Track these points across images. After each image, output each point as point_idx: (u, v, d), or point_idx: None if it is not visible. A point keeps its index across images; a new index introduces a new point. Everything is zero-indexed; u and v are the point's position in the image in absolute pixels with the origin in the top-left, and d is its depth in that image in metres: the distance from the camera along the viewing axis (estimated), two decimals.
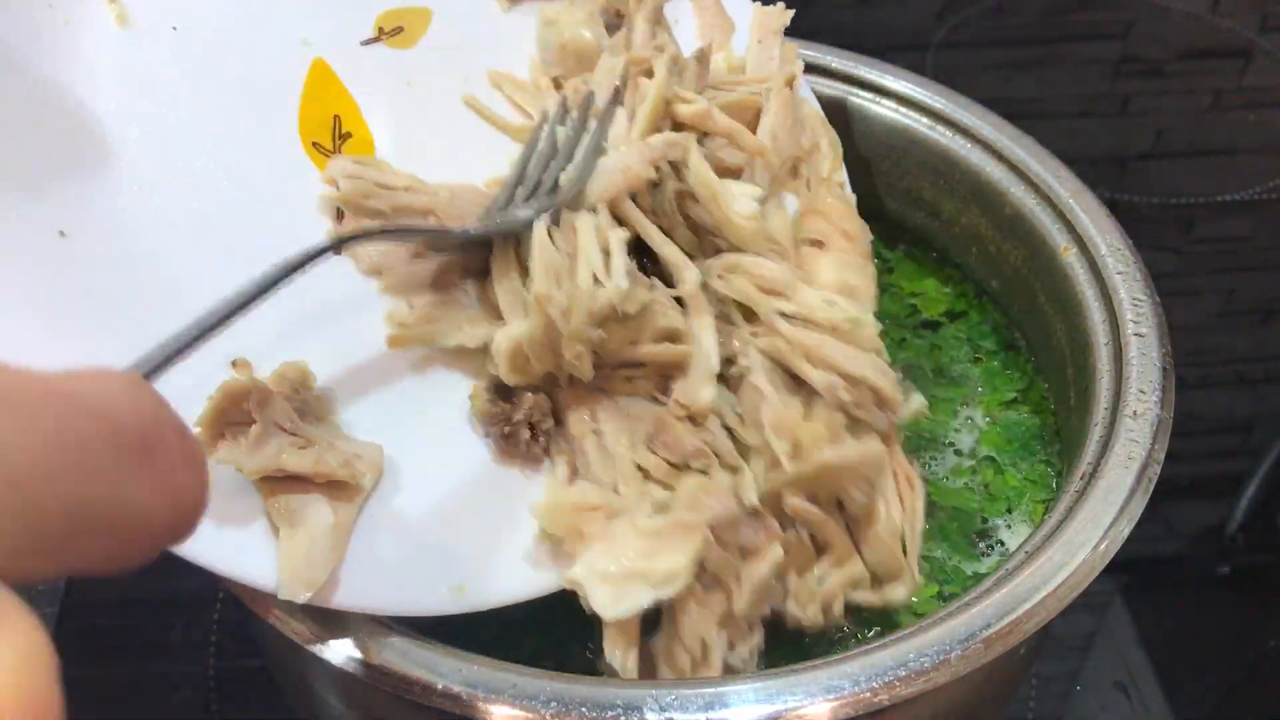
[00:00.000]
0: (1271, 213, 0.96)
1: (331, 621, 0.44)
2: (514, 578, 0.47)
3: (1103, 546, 0.47)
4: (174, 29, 0.53)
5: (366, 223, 0.52)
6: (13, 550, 0.22)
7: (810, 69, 0.71)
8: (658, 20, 0.62)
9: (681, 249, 0.53)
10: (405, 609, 0.45)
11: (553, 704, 0.42)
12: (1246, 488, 0.78)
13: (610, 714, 0.41)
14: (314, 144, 0.54)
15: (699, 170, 0.53)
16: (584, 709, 0.42)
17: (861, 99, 0.72)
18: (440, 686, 0.43)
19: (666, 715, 0.41)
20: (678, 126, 0.56)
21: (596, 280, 0.48)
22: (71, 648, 0.68)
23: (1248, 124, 1.07)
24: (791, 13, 0.66)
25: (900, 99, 0.71)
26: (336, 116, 0.56)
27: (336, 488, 0.45)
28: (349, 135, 0.56)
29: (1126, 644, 0.69)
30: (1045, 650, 0.68)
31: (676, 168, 0.54)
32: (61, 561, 0.24)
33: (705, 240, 0.55)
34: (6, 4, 0.48)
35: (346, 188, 0.52)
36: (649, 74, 0.57)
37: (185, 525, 0.27)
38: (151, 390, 0.28)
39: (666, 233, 0.53)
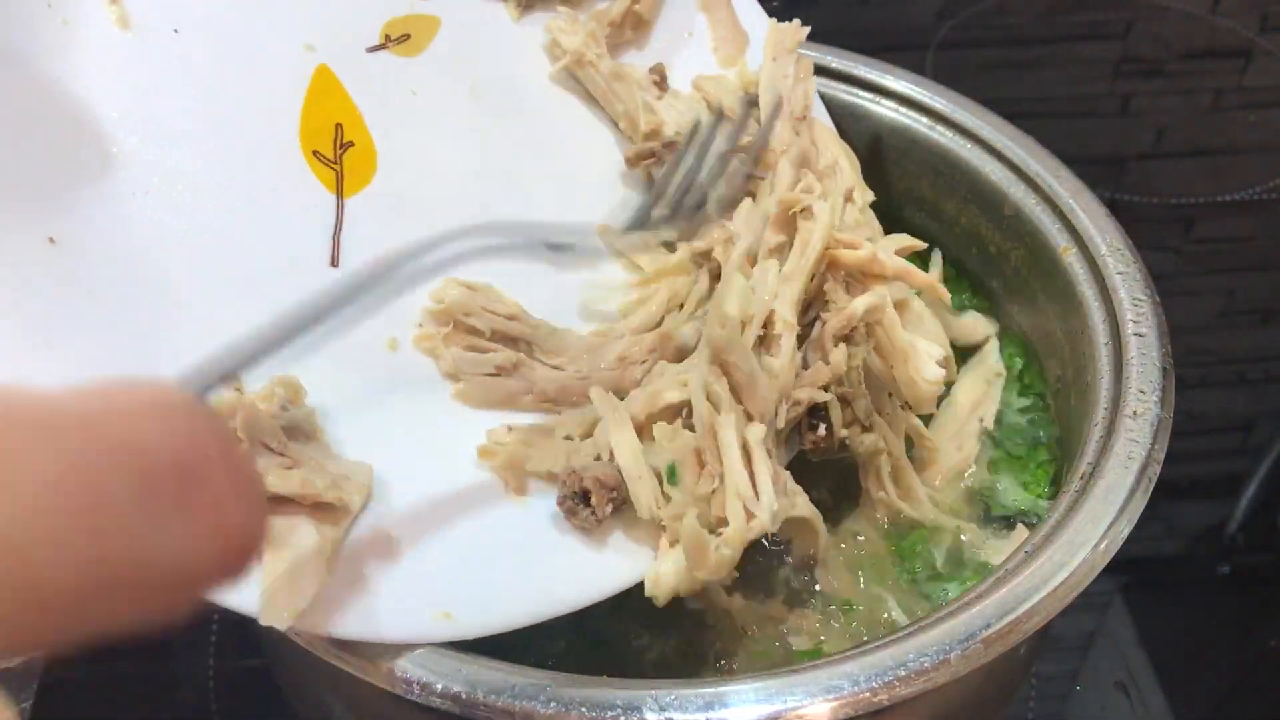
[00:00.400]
0: (1271, 213, 0.96)
1: None
2: (503, 605, 0.46)
3: (1103, 546, 0.47)
4: (175, 32, 0.52)
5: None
6: (7, 624, 0.18)
7: None
8: (803, 163, 0.61)
9: (857, 418, 0.53)
10: (390, 635, 0.44)
11: (552, 704, 0.42)
12: (1246, 488, 0.78)
13: (610, 714, 0.41)
14: (314, 153, 0.53)
15: (894, 333, 0.53)
16: (584, 709, 0.42)
17: (861, 99, 0.72)
18: (440, 686, 0.43)
19: (666, 715, 0.41)
20: (832, 265, 0.54)
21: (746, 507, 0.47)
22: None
23: (1248, 124, 1.07)
24: (807, 30, 0.66)
25: (900, 99, 0.71)
26: (339, 125, 0.55)
27: (323, 510, 0.44)
28: (350, 144, 0.55)
29: (1126, 644, 0.69)
30: (1045, 650, 0.68)
31: (870, 328, 0.53)
32: (74, 630, 0.20)
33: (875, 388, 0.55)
34: (2, 3, 0.47)
35: (452, 298, 0.52)
36: (785, 221, 0.55)
37: (237, 566, 0.23)
38: (192, 407, 0.23)
39: (848, 400, 0.52)
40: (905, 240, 0.58)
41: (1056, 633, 0.69)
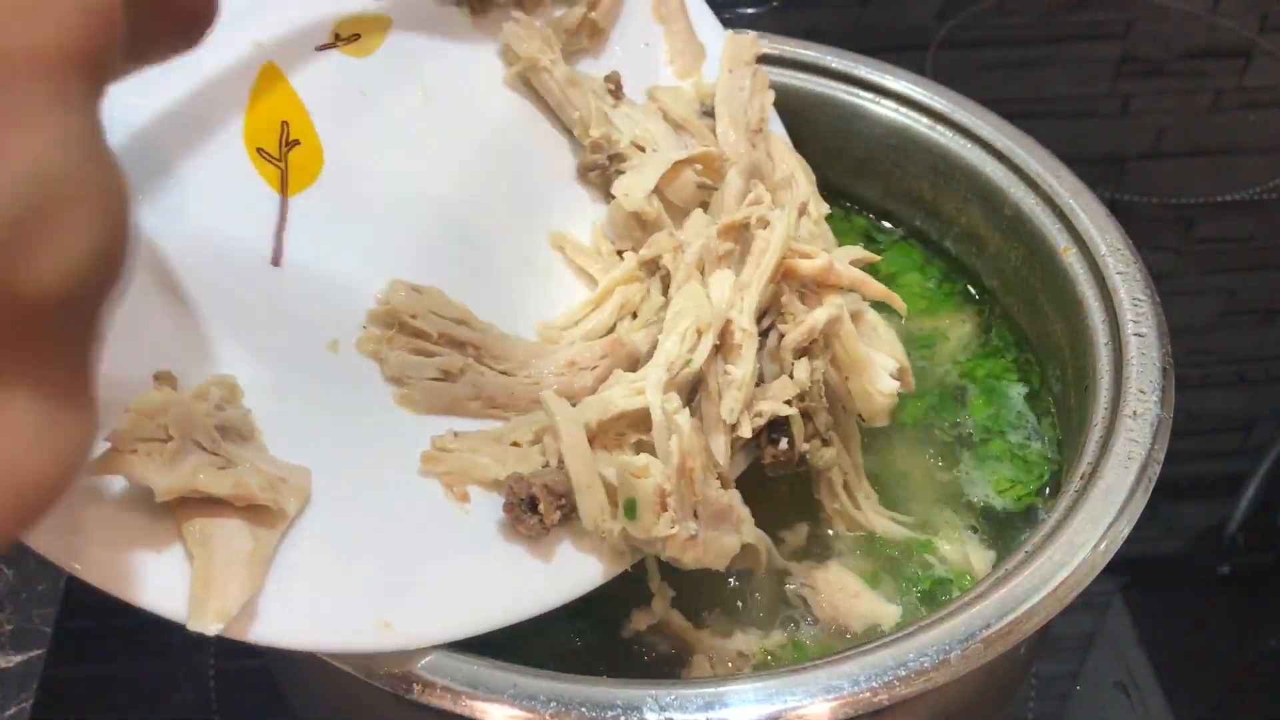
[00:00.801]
0: (1271, 213, 0.96)
1: None
2: (445, 614, 0.44)
3: (1103, 546, 0.47)
4: None
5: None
6: None
7: (810, 69, 0.72)
8: (754, 174, 0.60)
9: (818, 432, 0.53)
10: (326, 645, 0.42)
11: (553, 704, 0.42)
12: (1246, 488, 0.78)
13: (610, 714, 0.41)
14: (259, 150, 0.52)
15: (851, 345, 0.53)
16: (584, 709, 0.42)
17: (861, 99, 0.72)
18: (440, 686, 0.43)
19: (666, 715, 0.41)
20: (788, 274, 0.53)
21: None
22: (71, 648, 0.68)
23: (1248, 124, 1.07)
24: (762, 46, 0.66)
25: (900, 99, 0.71)
26: (284, 123, 0.53)
27: (257, 512, 0.42)
28: (296, 143, 0.53)
29: (1126, 644, 0.69)
30: (1045, 650, 0.68)
31: (827, 339, 0.53)
32: None
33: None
34: None
35: (397, 300, 0.51)
36: (735, 230, 0.54)
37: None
38: None
39: (809, 415, 0.52)
40: (859, 252, 0.57)
41: (1056, 633, 0.69)
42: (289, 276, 0.50)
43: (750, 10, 1.15)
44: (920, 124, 0.70)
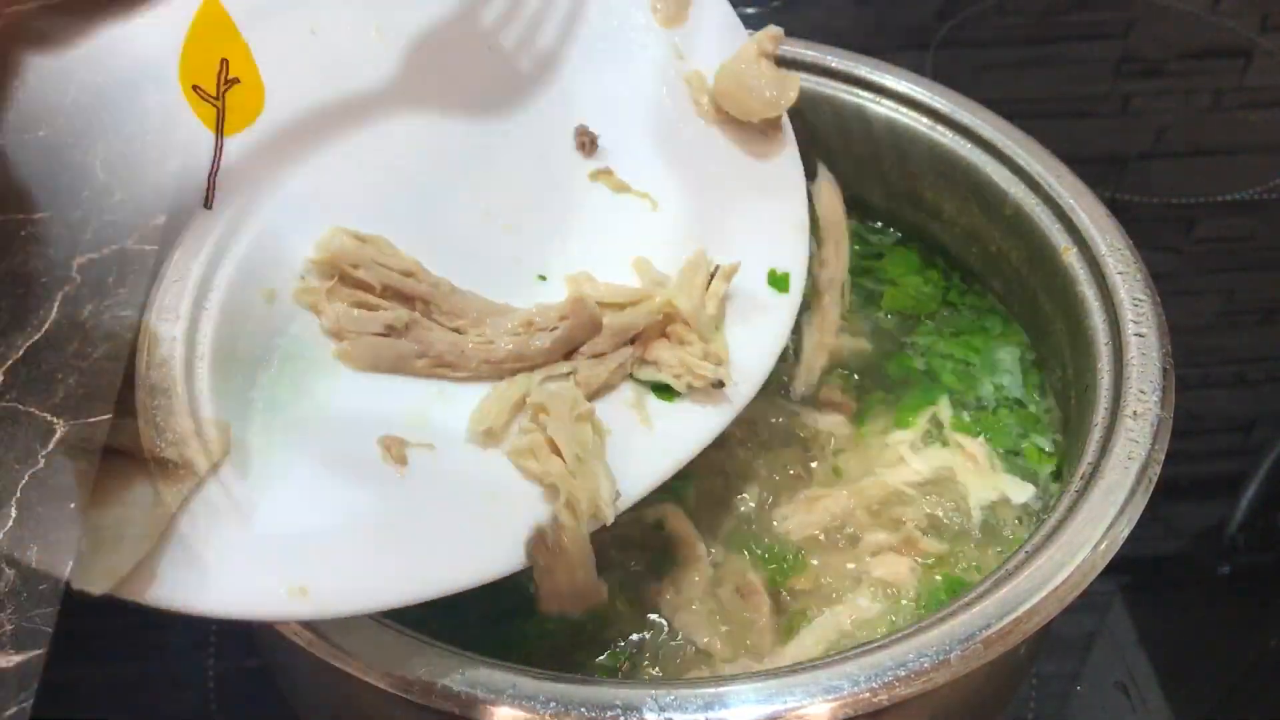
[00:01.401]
0: (1271, 213, 0.96)
1: (330, 621, 0.44)
2: (367, 584, 0.43)
3: (1103, 546, 0.47)
4: None
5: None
6: None
7: (810, 69, 0.72)
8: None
9: None
10: (235, 611, 0.41)
11: (552, 704, 0.42)
12: (1246, 488, 0.78)
13: (610, 714, 0.41)
14: (195, 88, 0.49)
15: None
16: (584, 709, 0.42)
17: (861, 99, 0.72)
18: (440, 686, 0.43)
19: (666, 715, 0.41)
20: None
21: None
22: (72, 648, 0.68)
23: (1248, 124, 1.07)
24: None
25: (900, 99, 0.71)
26: (224, 60, 0.50)
27: (163, 467, 0.40)
28: (236, 81, 0.51)
29: (1126, 644, 0.69)
30: (1045, 650, 0.68)
31: None
32: None
33: None
34: None
35: (338, 248, 0.49)
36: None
37: None
38: None
39: None
40: None
41: (1056, 633, 0.69)
42: (221, 220, 0.48)
43: (750, 10, 1.16)
44: (920, 124, 0.70)
